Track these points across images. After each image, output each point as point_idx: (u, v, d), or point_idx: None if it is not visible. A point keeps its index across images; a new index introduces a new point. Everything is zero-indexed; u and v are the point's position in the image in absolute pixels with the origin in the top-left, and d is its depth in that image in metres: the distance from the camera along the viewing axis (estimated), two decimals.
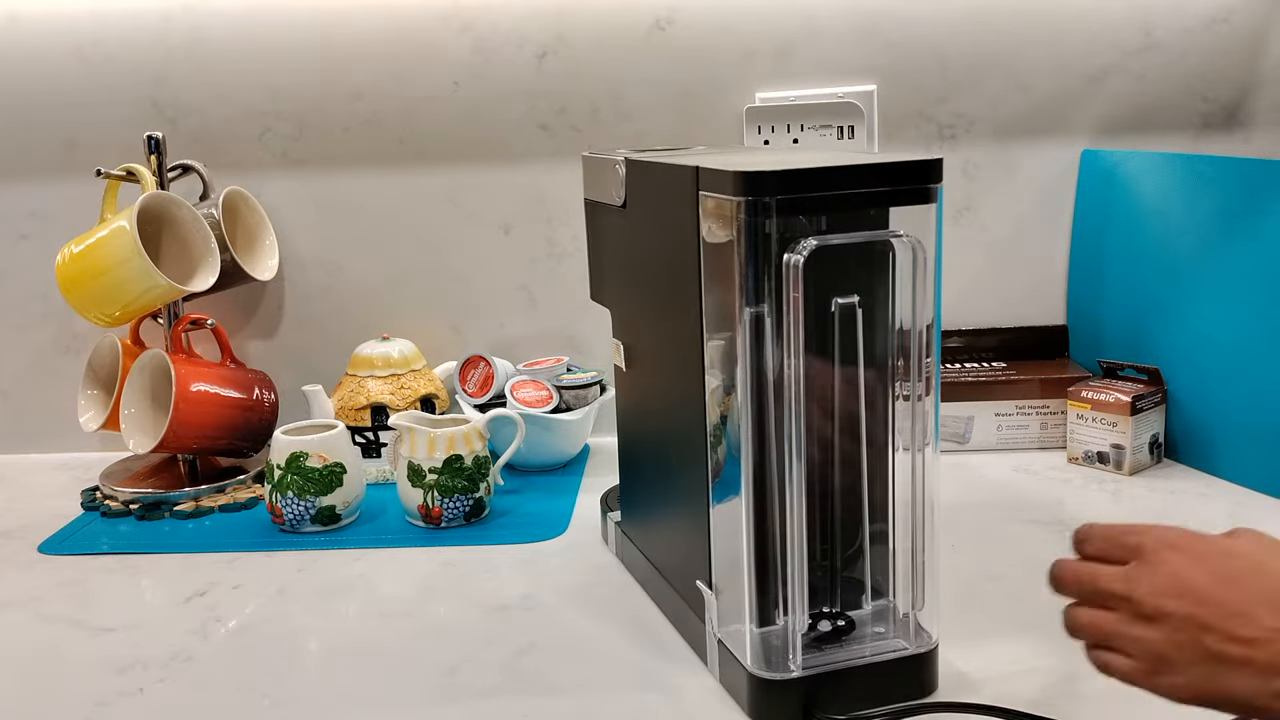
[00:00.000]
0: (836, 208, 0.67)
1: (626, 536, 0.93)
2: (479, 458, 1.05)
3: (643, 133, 1.24)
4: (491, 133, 1.25)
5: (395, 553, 1.01)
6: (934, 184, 0.68)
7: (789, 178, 0.65)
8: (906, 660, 0.72)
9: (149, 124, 1.23)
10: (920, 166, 0.67)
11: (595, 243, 0.95)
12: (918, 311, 0.69)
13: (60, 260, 1.15)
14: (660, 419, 0.83)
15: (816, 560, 0.72)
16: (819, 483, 0.71)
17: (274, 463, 1.05)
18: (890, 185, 0.67)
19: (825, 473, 0.71)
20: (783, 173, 0.65)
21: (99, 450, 1.29)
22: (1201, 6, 1.19)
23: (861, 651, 0.72)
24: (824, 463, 0.71)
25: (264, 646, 0.84)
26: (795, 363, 0.67)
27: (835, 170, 0.66)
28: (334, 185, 1.27)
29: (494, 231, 1.28)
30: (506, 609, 0.89)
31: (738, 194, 0.65)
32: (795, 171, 0.65)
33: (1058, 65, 1.21)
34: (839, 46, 1.22)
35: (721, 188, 0.67)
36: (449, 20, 1.23)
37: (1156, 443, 1.14)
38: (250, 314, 1.31)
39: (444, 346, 1.29)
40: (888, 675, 0.71)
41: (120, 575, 0.99)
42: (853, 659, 0.71)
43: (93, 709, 0.76)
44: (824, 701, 0.70)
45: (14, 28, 1.24)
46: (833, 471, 0.71)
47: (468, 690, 0.77)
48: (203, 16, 1.23)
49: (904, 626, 0.73)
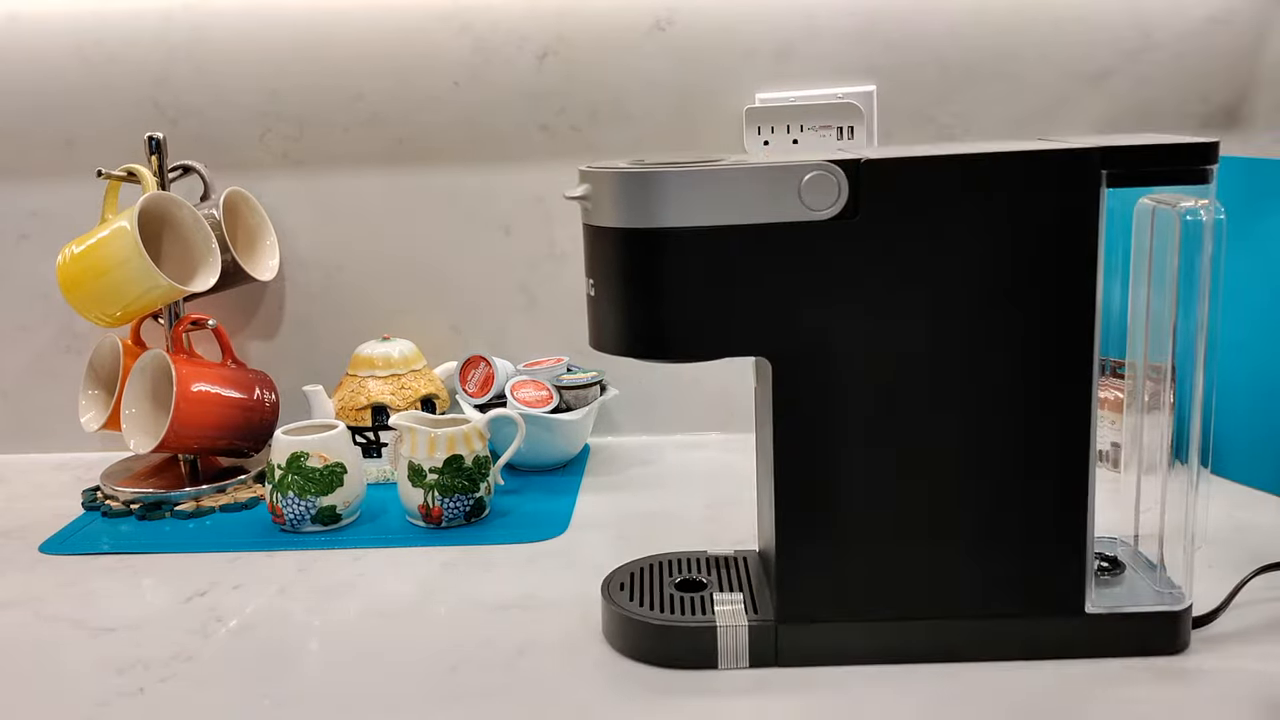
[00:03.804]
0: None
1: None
2: (479, 458, 1.05)
3: (643, 133, 1.24)
4: (491, 133, 1.25)
5: (395, 553, 1.01)
6: (1211, 165, 0.73)
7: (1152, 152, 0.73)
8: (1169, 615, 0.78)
9: (150, 124, 1.23)
10: (1200, 148, 0.73)
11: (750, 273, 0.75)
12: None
13: (61, 260, 1.15)
14: (935, 436, 0.77)
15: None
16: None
17: (275, 463, 1.05)
18: (1174, 165, 0.74)
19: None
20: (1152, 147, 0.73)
21: (99, 450, 1.29)
22: (1201, 7, 1.19)
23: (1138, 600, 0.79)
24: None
25: (264, 646, 0.84)
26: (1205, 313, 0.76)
27: (1158, 147, 0.73)
28: (334, 185, 1.27)
29: (494, 231, 1.28)
30: (506, 609, 0.89)
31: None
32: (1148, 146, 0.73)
33: (1058, 65, 1.21)
34: (839, 47, 1.22)
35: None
36: (449, 20, 1.23)
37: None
38: (251, 314, 1.31)
39: (444, 346, 1.29)
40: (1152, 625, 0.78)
41: (121, 575, 0.99)
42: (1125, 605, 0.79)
43: (93, 709, 0.76)
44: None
45: (14, 28, 1.24)
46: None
47: (468, 690, 0.77)
48: (204, 17, 1.23)
49: (1163, 580, 0.81)
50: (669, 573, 0.87)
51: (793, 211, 0.73)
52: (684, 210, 0.73)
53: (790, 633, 0.78)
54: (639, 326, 0.76)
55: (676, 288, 0.74)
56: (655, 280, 0.75)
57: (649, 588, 0.85)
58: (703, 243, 0.73)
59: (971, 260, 0.74)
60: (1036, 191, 0.73)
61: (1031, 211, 0.73)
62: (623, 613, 0.81)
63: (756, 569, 0.87)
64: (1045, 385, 0.76)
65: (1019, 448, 0.76)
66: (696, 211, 0.73)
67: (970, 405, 0.75)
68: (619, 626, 0.81)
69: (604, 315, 0.77)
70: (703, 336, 0.76)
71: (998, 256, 0.74)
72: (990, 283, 0.74)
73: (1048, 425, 0.76)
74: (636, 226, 0.74)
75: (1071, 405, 0.76)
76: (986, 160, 0.73)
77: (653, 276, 0.75)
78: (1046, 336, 0.75)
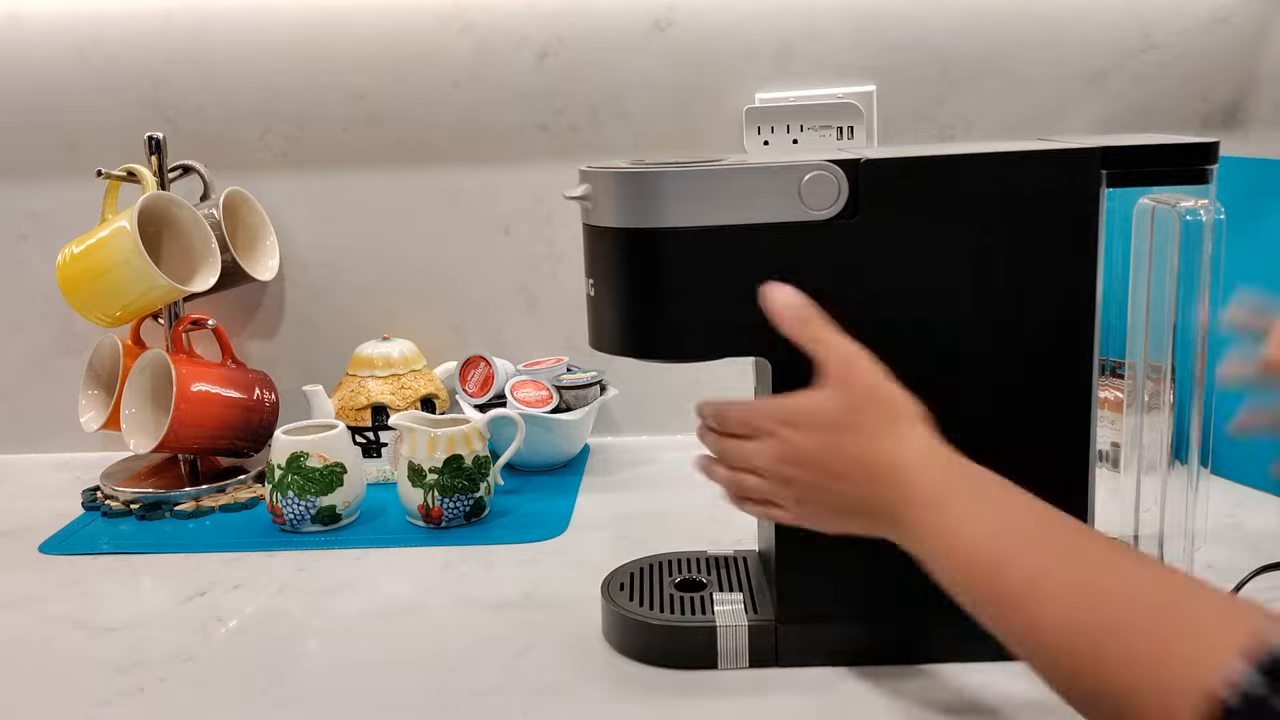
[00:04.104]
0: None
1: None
2: (479, 458, 1.05)
3: (642, 133, 1.24)
4: (491, 133, 1.25)
5: (395, 553, 1.01)
6: (1211, 165, 0.74)
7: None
8: None
9: (149, 124, 1.23)
10: (1200, 148, 0.74)
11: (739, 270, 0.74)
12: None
13: (61, 260, 1.15)
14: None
15: None
16: None
17: (274, 463, 1.05)
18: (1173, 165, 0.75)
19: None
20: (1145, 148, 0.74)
21: (99, 450, 1.29)
22: (1201, 7, 1.19)
23: None
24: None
25: (264, 646, 0.85)
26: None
27: (1158, 147, 0.74)
28: (334, 185, 1.27)
29: (494, 231, 1.28)
30: (506, 609, 0.89)
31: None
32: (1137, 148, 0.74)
33: (1057, 65, 1.21)
34: (839, 47, 1.22)
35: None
36: (449, 20, 1.23)
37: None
38: (251, 314, 1.31)
39: (444, 346, 1.29)
40: None
41: (121, 575, 0.99)
42: None
43: (93, 709, 0.76)
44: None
45: (14, 28, 1.24)
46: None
47: (468, 690, 0.77)
48: (204, 17, 1.23)
49: None
50: (669, 573, 0.87)
51: (793, 211, 0.73)
52: (684, 210, 0.73)
53: (790, 632, 0.78)
54: (639, 326, 0.76)
55: (676, 288, 0.74)
56: (656, 280, 0.75)
57: (649, 588, 0.85)
58: (702, 242, 0.73)
59: (971, 260, 0.74)
60: (1036, 191, 0.73)
61: (1031, 211, 0.73)
62: (623, 613, 0.81)
63: (756, 569, 0.87)
64: (1045, 385, 0.76)
65: (1018, 448, 0.76)
66: (696, 211, 0.73)
67: (970, 405, 0.75)
68: (619, 626, 0.81)
69: (604, 315, 0.77)
70: (703, 336, 0.76)
71: (996, 256, 0.74)
72: (989, 283, 0.74)
73: (1048, 425, 0.76)
74: (636, 226, 0.74)
75: (1071, 405, 0.76)
76: (986, 160, 0.73)
77: (653, 276, 0.75)
78: (1046, 336, 0.75)
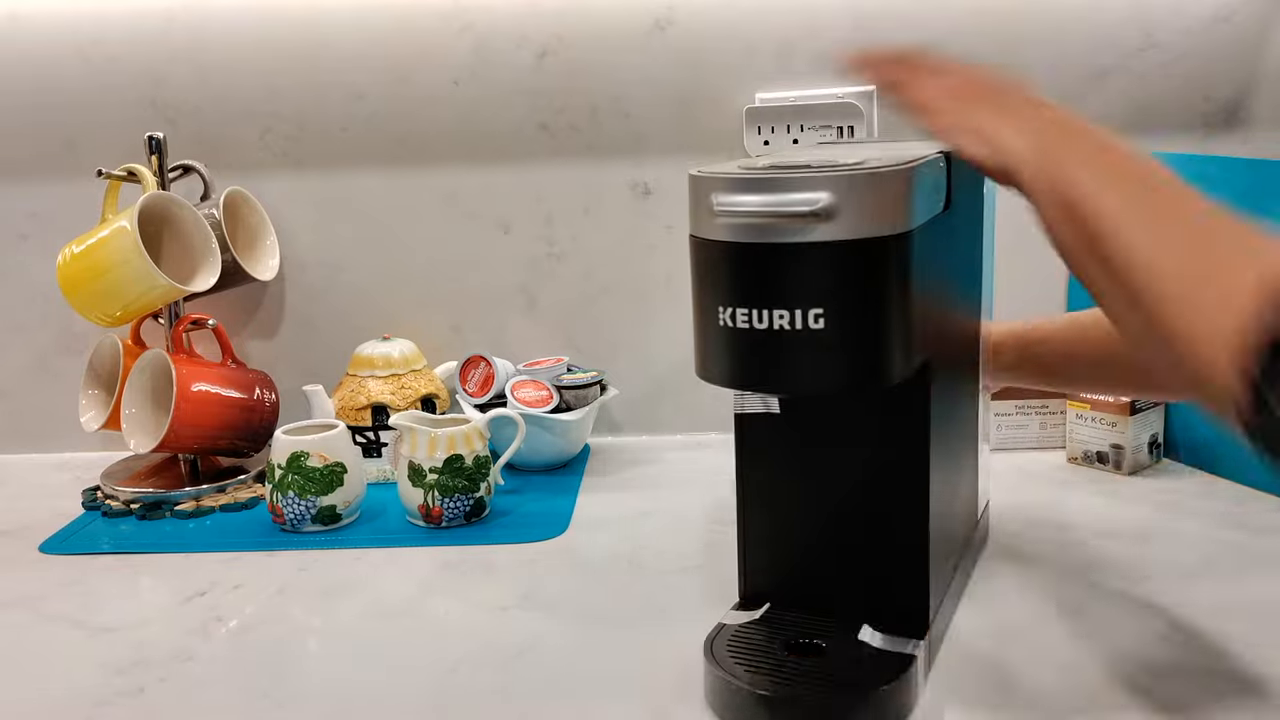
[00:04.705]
0: None
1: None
2: (479, 458, 1.05)
3: (642, 133, 1.24)
4: (491, 132, 1.25)
5: (395, 553, 1.01)
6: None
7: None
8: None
9: (149, 124, 1.23)
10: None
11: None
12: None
13: (61, 260, 1.15)
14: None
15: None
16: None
17: (275, 462, 1.05)
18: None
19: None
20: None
21: (99, 450, 1.29)
22: (1202, 6, 1.19)
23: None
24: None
25: (264, 646, 0.84)
26: None
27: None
28: (334, 185, 1.27)
29: (494, 231, 1.28)
30: (506, 609, 0.89)
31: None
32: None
33: (1058, 65, 1.21)
34: (839, 46, 1.22)
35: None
36: (449, 20, 1.23)
37: (1156, 442, 1.14)
38: (251, 314, 1.31)
39: (444, 346, 1.29)
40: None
41: (121, 575, 0.99)
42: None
43: (93, 709, 0.76)
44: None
45: (14, 28, 1.24)
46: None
47: (468, 690, 0.77)
48: (204, 17, 1.23)
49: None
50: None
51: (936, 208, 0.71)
52: (920, 209, 0.67)
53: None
54: (900, 349, 0.66)
55: (918, 297, 0.67)
56: (906, 290, 0.66)
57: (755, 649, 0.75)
58: (923, 244, 0.67)
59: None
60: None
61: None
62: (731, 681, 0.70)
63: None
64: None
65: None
66: (922, 210, 0.67)
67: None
68: (726, 697, 0.71)
69: (839, 347, 0.65)
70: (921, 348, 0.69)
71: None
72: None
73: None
74: (896, 233, 0.64)
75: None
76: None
77: (906, 286, 0.66)
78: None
